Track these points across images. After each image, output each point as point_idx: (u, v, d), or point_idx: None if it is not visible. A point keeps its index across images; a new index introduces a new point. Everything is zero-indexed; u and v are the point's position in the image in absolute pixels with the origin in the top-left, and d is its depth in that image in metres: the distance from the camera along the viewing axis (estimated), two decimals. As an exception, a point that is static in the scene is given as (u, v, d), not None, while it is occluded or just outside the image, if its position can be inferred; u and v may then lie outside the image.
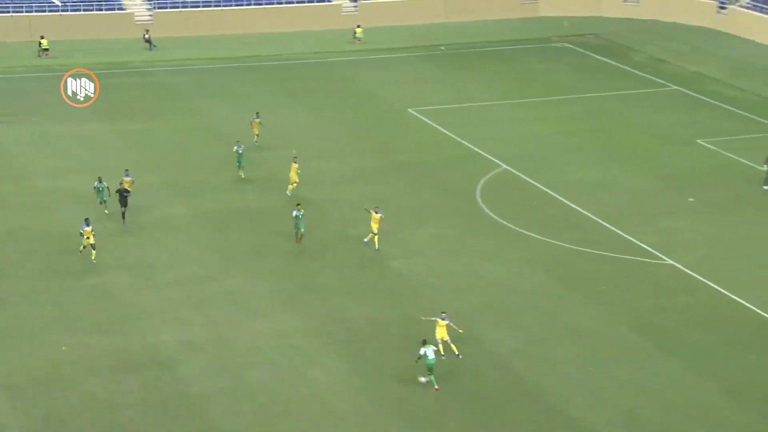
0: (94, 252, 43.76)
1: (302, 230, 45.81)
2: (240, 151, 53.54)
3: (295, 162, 51.40)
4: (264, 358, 37.76)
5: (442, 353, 36.66)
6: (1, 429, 33.36)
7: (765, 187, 53.69)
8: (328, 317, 40.64)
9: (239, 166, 53.56)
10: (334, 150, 57.03)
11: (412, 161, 57.39)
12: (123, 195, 47.60)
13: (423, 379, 35.32)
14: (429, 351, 35.10)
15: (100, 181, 48.50)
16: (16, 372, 36.44)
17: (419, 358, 35.03)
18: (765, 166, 54.06)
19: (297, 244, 45.95)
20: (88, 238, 43.66)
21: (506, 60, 79.24)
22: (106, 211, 48.08)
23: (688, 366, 38.07)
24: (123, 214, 47.74)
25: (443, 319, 37.22)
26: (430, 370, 35.05)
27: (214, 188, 52.85)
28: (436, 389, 34.99)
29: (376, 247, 45.66)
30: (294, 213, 45.72)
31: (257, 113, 58.03)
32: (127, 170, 49.69)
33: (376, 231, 45.51)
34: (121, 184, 48.52)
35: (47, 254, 45.32)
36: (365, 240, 45.88)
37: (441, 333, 37.11)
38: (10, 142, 58.65)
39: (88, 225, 43.71)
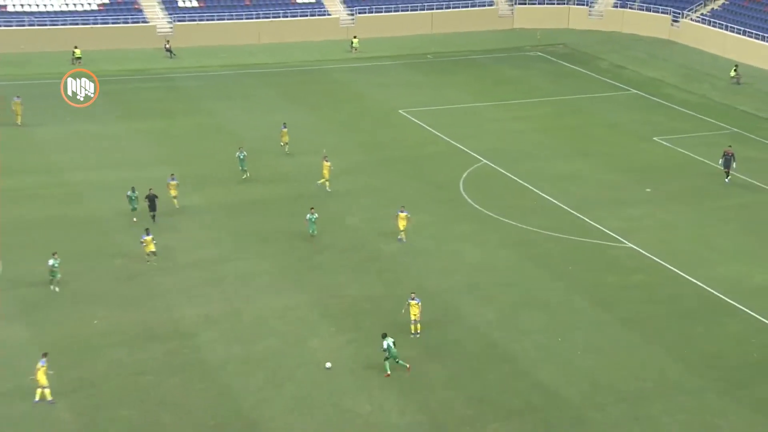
0: (154, 257, 42.40)
1: (314, 233, 44.92)
2: (242, 156, 52.40)
3: (326, 160, 50.92)
4: (271, 330, 37.97)
5: (414, 332, 37.07)
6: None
7: (726, 181, 53.75)
8: (327, 294, 40.83)
9: (242, 170, 52.55)
10: (331, 146, 56.99)
11: (402, 156, 57.49)
12: (152, 200, 46.44)
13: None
14: (390, 342, 34.54)
15: (133, 191, 47.38)
16: (53, 341, 36.53)
17: (385, 351, 34.52)
18: (720, 161, 54.17)
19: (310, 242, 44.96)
20: (148, 245, 42.27)
21: (485, 67, 79.30)
22: (135, 219, 47.05)
23: (643, 336, 38.31)
24: (153, 216, 46.49)
25: (413, 299, 37.24)
26: (395, 358, 34.61)
27: (226, 180, 52.91)
28: (409, 367, 34.95)
29: (401, 237, 45.07)
30: (307, 216, 44.93)
31: (284, 123, 56.83)
32: (172, 174, 48.87)
33: (404, 227, 44.81)
34: (167, 187, 47.96)
35: (80, 239, 45.39)
36: (400, 237, 45.18)
37: (414, 311, 37.20)
38: (45, 140, 58.59)
39: (148, 234, 42.31)
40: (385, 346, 34.46)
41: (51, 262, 39.87)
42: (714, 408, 33.82)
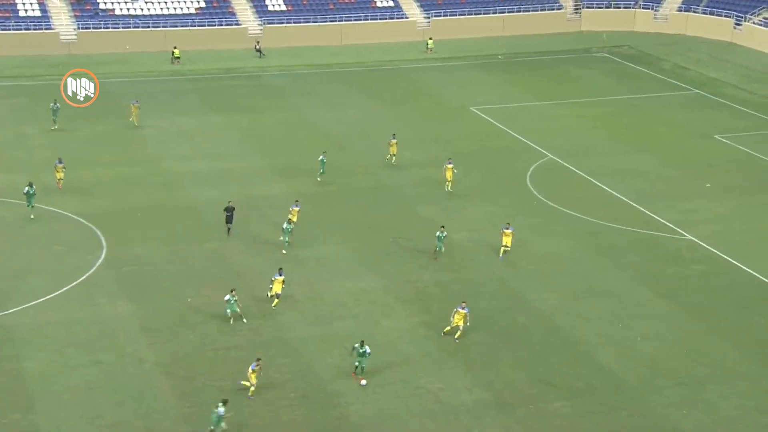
0: (277, 301, 37.96)
1: (442, 249, 42.04)
2: (324, 160, 51.10)
3: (449, 163, 49.68)
4: (348, 311, 38.14)
5: (456, 338, 35.64)
6: (141, 360, 34.26)
7: None
8: (401, 278, 40.84)
9: (321, 173, 51.09)
10: (407, 140, 56.99)
11: (472, 150, 57.18)
12: (229, 212, 44.14)
13: (363, 382, 32.96)
14: (366, 348, 33.05)
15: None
16: (152, 317, 37.29)
17: (356, 353, 33.08)
18: None
19: (434, 260, 42.27)
20: (273, 287, 38.07)
21: (552, 67, 78.32)
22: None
23: (702, 324, 37.66)
24: (228, 229, 44.15)
25: (463, 308, 35.73)
26: (360, 365, 33.13)
27: (309, 171, 53.05)
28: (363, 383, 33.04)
29: (500, 257, 42.49)
30: (437, 234, 42.20)
31: (393, 134, 54.17)
32: (297, 201, 45.87)
33: (507, 244, 42.41)
34: (289, 213, 44.70)
35: (176, 224, 46.05)
36: (501, 257, 42.50)
37: (458, 320, 35.62)
38: (147, 133, 59.48)
39: (281, 275, 38.16)
40: (364, 351, 32.91)
41: (227, 297, 36.59)
42: (768, 394, 33.11)
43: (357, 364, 33.17)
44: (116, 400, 31.99)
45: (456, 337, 35.67)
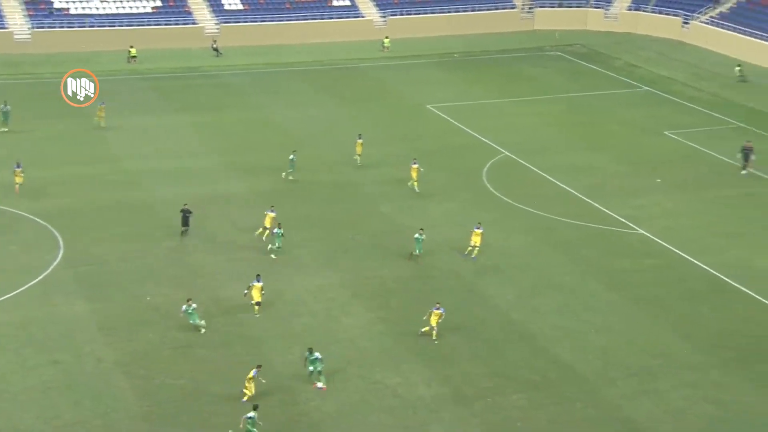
0: (257, 308, 36.95)
1: (420, 252, 41.45)
2: (294, 159, 50.60)
3: (414, 163, 49.44)
4: (307, 308, 37.98)
5: (435, 339, 35.34)
6: (99, 360, 33.83)
7: (743, 173, 53.18)
8: (359, 275, 40.75)
9: (290, 171, 50.51)
10: (366, 138, 56.83)
11: (429, 148, 57.16)
12: (185, 214, 43.39)
13: (320, 385, 32.38)
14: (316, 354, 32.48)
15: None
16: (110, 316, 36.85)
17: (311, 363, 32.46)
18: (738, 154, 53.62)
19: (408, 260, 41.79)
20: (252, 294, 37.02)
21: (507, 65, 78.65)
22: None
23: (652, 315, 38.07)
24: (183, 232, 43.30)
25: (438, 309, 35.46)
26: (316, 372, 32.55)
27: (269, 169, 52.79)
28: (324, 388, 32.44)
29: (472, 256, 42.07)
30: (416, 236, 41.63)
31: (360, 135, 53.61)
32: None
33: (476, 244, 42.05)
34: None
35: (135, 222, 45.52)
36: (466, 254, 42.14)
37: (434, 320, 35.36)
38: (106, 132, 58.74)
39: (258, 281, 37.08)
40: (316, 356, 32.45)
41: (184, 308, 35.59)
42: (718, 384, 33.59)
43: (312, 370, 32.65)
44: (74, 399, 31.55)
45: (434, 338, 35.29)
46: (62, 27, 78.42)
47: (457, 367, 34.08)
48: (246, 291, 37.14)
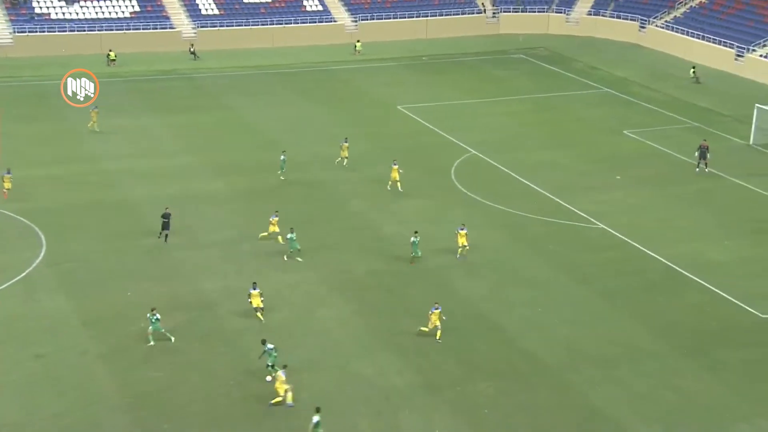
0: (261, 314, 36.02)
1: (418, 254, 40.79)
2: (284, 158, 50.37)
3: (395, 164, 48.85)
4: (284, 302, 37.82)
5: (438, 339, 34.82)
6: (82, 353, 33.57)
7: (697, 170, 53.64)
8: (334, 269, 40.67)
9: (282, 171, 50.34)
10: (338, 137, 56.80)
11: (400, 147, 57.09)
12: (166, 218, 42.34)
13: (269, 378, 31.80)
14: (269, 346, 32.16)
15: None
16: (91, 311, 36.55)
17: (262, 354, 32.19)
18: (696, 153, 54.04)
19: (411, 264, 41.01)
20: (252, 302, 36.07)
21: (474, 67, 78.90)
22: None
23: (614, 307, 38.28)
24: (166, 236, 42.25)
25: (437, 309, 35.08)
26: (272, 364, 32.02)
27: (245, 168, 52.70)
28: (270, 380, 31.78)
29: (462, 256, 41.51)
30: (412, 239, 41.00)
31: (346, 138, 53.25)
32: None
33: (464, 244, 41.39)
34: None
35: (114, 221, 45.20)
36: (459, 257, 41.47)
37: (435, 320, 34.99)
38: (85, 132, 58.29)
39: (255, 288, 36.16)
40: (268, 349, 32.04)
41: (148, 316, 34.22)
42: (675, 370, 33.87)
43: (268, 364, 32.15)
44: (57, 391, 31.26)
45: (438, 337, 34.71)
46: (43, 31, 77.64)
47: (428, 357, 34.10)
48: (249, 300, 36.04)
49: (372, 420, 30.51)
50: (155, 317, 34.07)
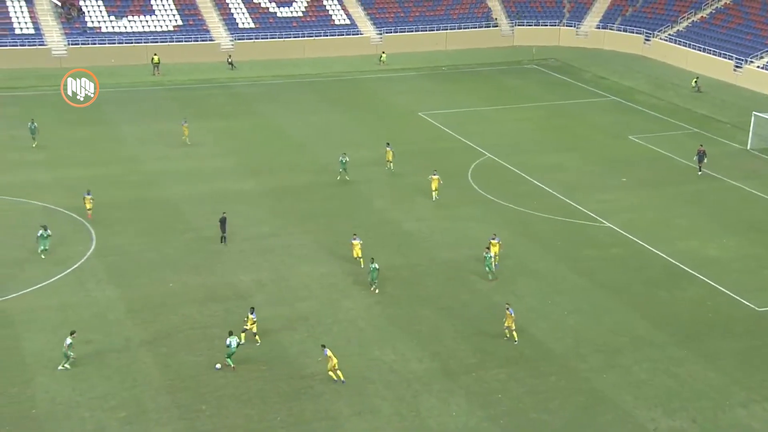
0: (256, 337, 33.83)
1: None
2: (344, 161, 50.11)
3: (435, 174, 47.83)
4: (311, 293, 38.02)
5: (513, 338, 33.76)
6: (128, 339, 33.94)
7: (699, 174, 53.30)
8: (357, 263, 40.70)
9: (342, 171, 50.12)
10: (362, 141, 57.01)
11: (420, 150, 57.25)
12: (223, 222, 41.81)
13: (218, 366, 31.69)
14: (233, 341, 31.58)
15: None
16: (136, 300, 36.95)
17: (228, 347, 31.64)
18: (695, 158, 53.73)
19: (491, 281, 38.96)
20: (252, 326, 33.91)
21: (489, 77, 78.70)
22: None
23: (618, 299, 38.15)
24: (223, 238, 41.90)
25: (508, 310, 33.94)
26: (229, 356, 31.64)
27: (276, 169, 52.99)
28: (234, 368, 31.76)
29: (496, 264, 39.47)
30: (484, 254, 38.94)
31: (388, 143, 52.48)
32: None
33: (495, 253, 39.58)
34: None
35: (156, 217, 45.59)
36: (494, 265, 39.26)
37: (508, 322, 33.98)
38: (129, 136, 58.85)
39: (252, 313, 34.05)
40: (227, 343, 31.63)
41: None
42: (674, 358, 33.71)
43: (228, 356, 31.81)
44: (105, 374, 31.63)
45: (515, 339, 33.88)
46: (94, 43, 78.38)
47: (444, 344, 34.17)
48: (247, 326, 33.94)
49: (393, 403, 30.62)
50: (68, 342, 31.54)
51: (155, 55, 75.28)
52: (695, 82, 74.04)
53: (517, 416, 30.15)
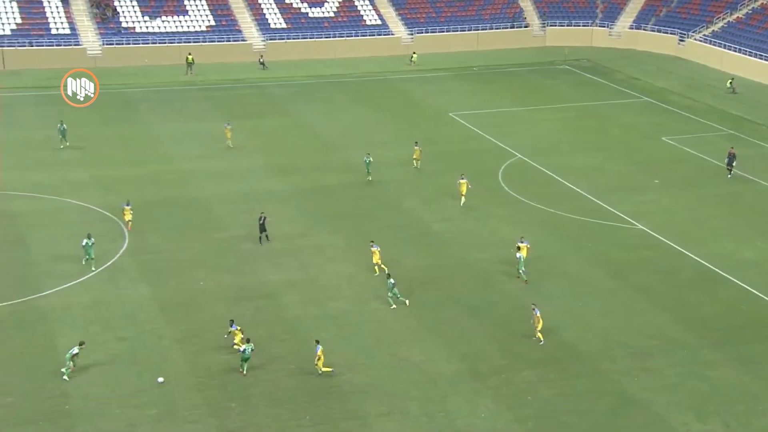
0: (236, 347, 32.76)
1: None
2: (368, 161, 50.01)
3: (463, 178, 47.23)
4: (340, 293, 38.09)
5: (538, 338, 33.72)
6: (159, 337, 34.25)
7: (729, 176, 52.67)
8: (387, 263, 40.47)
9: (367, 173, 50.08)
10: (393, 141, 56.98)
11: (450, 151, 57.13)
12: (262, 221, 42.14)
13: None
14: (248, 348, 31.51)
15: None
16: (168, 298, 37.28)
17: (242, 352, 31.43)
18: (726, 160, 53.10)
19: (525, 283, 38.64)
20: (233, 336, 33.13)
21: (521, 77, 78.30)
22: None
23: (650, 302, 37.78)
24: (265, 237, 42.10)
25: (534, 310, 33.80)
26: (244, 361, 31.55)
27: (306, 169, 53.12)
28: (244, 373, 31.61)
29: (522, 269, 39.05)
30: (517, 255, 38.85)
31: (416, 142, 52.89)
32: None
33: (524, 256, 39.12)
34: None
35: (187, 216, 45.92)
36: (523, 270, 38.95)
37: (535, 322, 33.76)
38: (162, 136, 59.39)
39: (233, 326, 33.33)
40: (241, 348, 31.49)
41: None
42: (707, 362, 33.32)
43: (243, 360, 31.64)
44: (136, 371, 31.95)
45: (540, 339, 33.71)
46: (129, 43, 79.21)
47: (473, 345, 34.07)
48: (234, 340, 33.11)
49: (421, 403, 30.58)
50: (72, 353, 31.38)
51: (189, 54, 75.95)
52: (730, 83, 73.09)
53: (546, 418, 29.96)
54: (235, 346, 32.62)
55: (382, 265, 39.12)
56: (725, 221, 46.53)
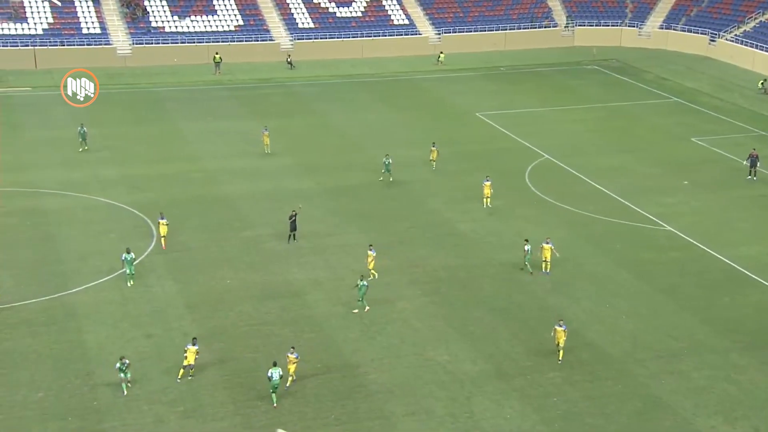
0: (185, 372, 31.45)
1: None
2: (387, 162, 49.87)
3: (487, 181, 46.98)
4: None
5: (560, 359, 32.83)
6: (186, 334, 34.21)
7: (748, 178, 52.08)
8: (412, 263, 40.77)
9: (385, 173, 49.91)
10: (419, 141, 56.90)
11: (477, 150, 56.99)
12: (293, 220, 42.06)
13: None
14: (275, 373, 29.83)
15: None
16: (195, 296, 37.50)
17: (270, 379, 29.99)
18: (746, 162, 52.50)
19: (531, 275, 39.02)
20: (189, 355, 31.45)
21: (549, 78, 77.92)
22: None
23: (677, 304, 37.44)
24: (293, 236, 41.90)
25: (561, 326, 32.83)
26: (274, 389, 29.94)
27: (333, 168, 53.24)
28: (275, 406, 30.09)
29: (546, 272, 39.33)
30: (526, 247, 39.10)
31: (434, 143, 52.78)
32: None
33: (547, 258, 39.26)
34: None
35: (215, 214, 46.13)
36: (545, 272, 39.09)
37: (559, 337, 32.83)
38: (190, 134, 59.78)
39: (194, 344, 31.58)
40: (269, 374, 29.94)
41: (117, 365, 30.58)
42: (736, 365, 32.95)
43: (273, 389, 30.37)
44: (164, 368, 32.18)
45: (559, 357, 32.64)
46: (158, 43, 79.85)
47: (499, 346, 33.95)
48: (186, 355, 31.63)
49: (446, 403, 30.54)
50: (125, 364, 30.60)
51: (216, 54, 76.41)
52: (762, 83, 72.16)
53: (572, 420, 29.79)
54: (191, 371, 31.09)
55: (372, 270, 38.79)
56: (755, 223, 45.98)
